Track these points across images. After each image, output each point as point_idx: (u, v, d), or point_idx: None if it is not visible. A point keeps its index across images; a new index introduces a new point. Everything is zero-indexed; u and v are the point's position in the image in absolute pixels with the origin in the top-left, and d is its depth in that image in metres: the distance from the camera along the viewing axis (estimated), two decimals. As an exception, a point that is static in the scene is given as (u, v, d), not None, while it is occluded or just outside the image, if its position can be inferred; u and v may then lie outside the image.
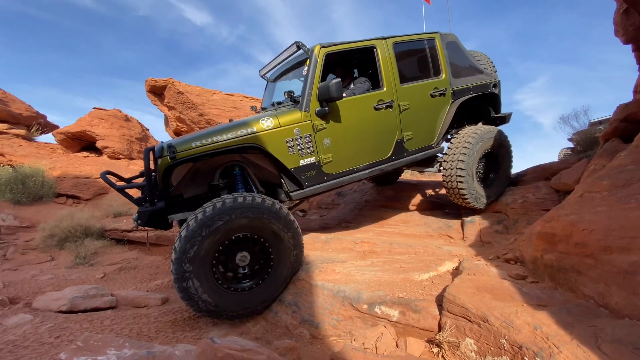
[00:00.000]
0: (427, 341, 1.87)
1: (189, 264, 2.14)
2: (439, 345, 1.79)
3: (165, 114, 9.78)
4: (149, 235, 5.39)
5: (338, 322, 2.20)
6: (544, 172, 4.15)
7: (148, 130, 12.88)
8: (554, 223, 2.20)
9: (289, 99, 2.99)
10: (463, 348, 1.69)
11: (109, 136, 10.71)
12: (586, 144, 5.17)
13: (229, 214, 2.22)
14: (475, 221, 3.68)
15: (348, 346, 1.66)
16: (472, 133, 3.43)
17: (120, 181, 2.93)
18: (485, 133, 3.46)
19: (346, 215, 4.81)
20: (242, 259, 2.36)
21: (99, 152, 11.03)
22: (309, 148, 2.84)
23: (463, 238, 3.58)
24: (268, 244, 2.39)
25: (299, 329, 2.31)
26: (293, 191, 2.90)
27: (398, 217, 4.28)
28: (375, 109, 3.10)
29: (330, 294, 2.34)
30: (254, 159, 2.88)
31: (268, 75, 3.86)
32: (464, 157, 3.32)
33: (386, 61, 3.17)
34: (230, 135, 2.60)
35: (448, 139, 3.87)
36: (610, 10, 3.82)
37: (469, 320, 1.73)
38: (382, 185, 5.20)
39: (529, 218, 3.35)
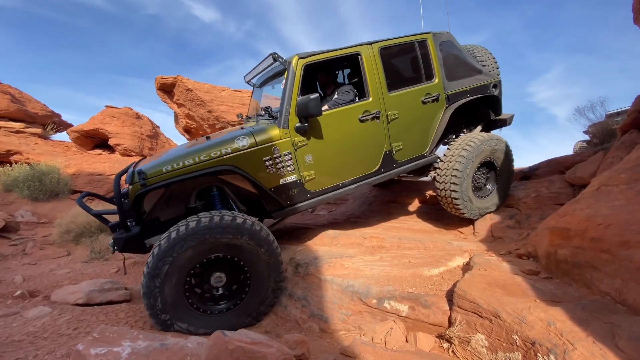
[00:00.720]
0: (437, 336, 1.86)
1: (159, 281, 2.03)
2: (449, 340, 1.78)
3: (174, 111, 9.89)
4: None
5: (347, 317, 2.20)
6: (558, 166, 4.05)
7: (158, 127, 13.06)
8: (569, 217, 2.15)
9: (265, 114, 2.83)
10: (474, 344, 1.67)
11: (120, 134, 10.91)
12: (603, 137, 5.01)
13: (204, 233, 2.11)
14: (487, 216, 3.62)
15: (357, 340, 1.66)
16: (469, 142, 3.19)
17: (103, 200, 2.90)
18: (483, 142, 3.21)
19: (354, 211, 4.80)
20: (218, 280, 2.26)
21: (111, 150, 11.26)
22: (289, 166, 2.69)
23: (474, 233, 3.53)
24: (245, 266, 2.28)
25: (308, 322, 2.32)
26: (274, 211, 2.78)
27: (407, 212, 4.25)
28: (361, 120, 2.90)
29: (339, 288, 2.35)
30: (230, 180, 2.70)
31: (254, 81, 3.66)
32: (459, 168, 3.12)
33: (372, 68, 2.94)
34: (202, 157, 2.43)
35: (445, 142, 3.66)
36: (630, -3, 3.67)
37: (480, 316, 1.71)
38: (382, 187, 5.05)
39: (542, 213, 3.28)
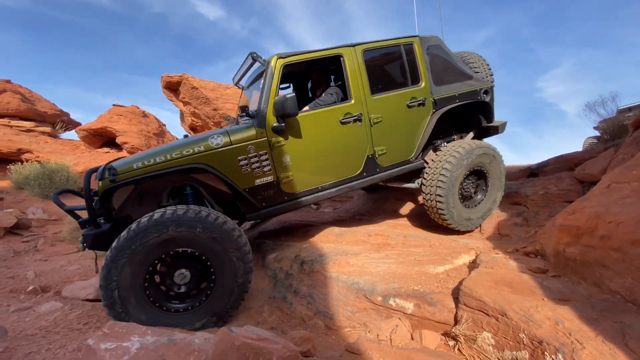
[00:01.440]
0: (443, 334, 1.86)
1: (117, 274, 1.99)
2: (455, 338, 1.77)
3: (180, 109, 9.97)
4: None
5: (352, 314, 2.21)
6: (567, 163, 3.99)
7: (164, 125, 13.19)
8: (578, 215, 2.12)
9: (244, 114, 2.77)
10: (480, 342, 1.66)
11: (128, 132, 11.04)
12: (613, 133, 4.91)
13: (166, 226, 2.06)
14: (493, 213, 3.59)
15: (363, 337, 1.66)
16: (456, 150, 3.11)
17: (77, 196, 2.88)
18: (471, 150, 3.12)
19: (360, 208, 4.79)
20: (181, 276, 2.18)
21: (119, 148, 11.40)
22: (265, 166, 2.63)
23: (480, 231, 3.50)
24: (210, 263, 2.21)
25: (313, 319, 2.34)
26: (249, 212, 2.70)
27: (412, 210, 4.23)
28: (342, 122, 2.84)
29: (345, 285, 2.35)
30: (204, 179, 2.65)
31: (242, 83, 3.58)
32: (445, 177, 3.03)
33: (354, 71, 2.89)
34: (174, 155, 2.39)
35: (435, 149, 3.56)
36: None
37: (487, 314, 1.70)
38: (372, 192, 4.92)
39: (550, 210, 3.24)
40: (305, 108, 2.97)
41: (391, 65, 3.18)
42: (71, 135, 13.54)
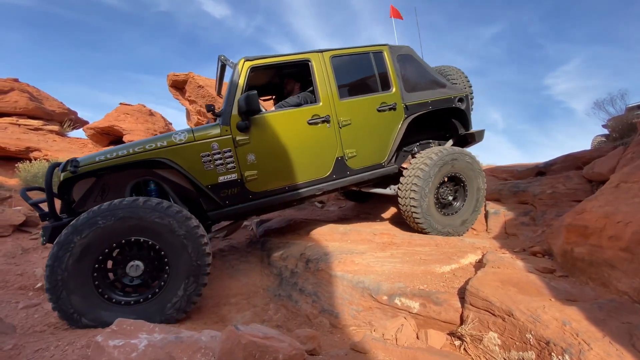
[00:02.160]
0: (449, 334, 1.85)
1: (63, 272, 1.93)
2: (461, 338, 1.77)
3: (186, 107, 10.02)
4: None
5: (358, 313, 2.21)
6: (576, 161, 3.94)
7: (171, 124, 13.28)
8: (587, 215, 2.10)
9: (211, 113, 2.79)
10: (486, 342, 1.66)
11: (134, 130, 11.14)
12: (622, 131, 4.84)
13: (113, 214, 2.03)
14: (500, 212, 3.57)
15: (368, 336, 1.66)
16: (429, 156, 3.14)
17: (41, 192, 2.78)
18: (443, 156, 3.14)
19: (365, 207, 4.79)
20: (134, 268, 2.14)
21: (125, 146, 11.50)
22: (229, 164, 2.63)
23: (487, 230, 3.48)
24: (164, 254, 2.16)
25: (318, 317, 2.34)
26: (211, 210, 2.68)
27: (418, 209, 4.21)
28: (310, 123, 2.88)
29: (350, 284, 2.35)
30: (166, 175, 2.66)
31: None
32: (417, 183, 3.05)
33: (322, 75, 2.97)
34: (137, 149, 2.43)
35: (414, 155, 3.58)
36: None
37: (493, 314, 1.69)
38: (361, 202, 4.87)
39: (558, 210, 3.21)
40: (272, 109, 3.05)
41: (361, 72, 3.23)
42: (79, 133, 13.70)
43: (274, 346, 1.13)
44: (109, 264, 2.16)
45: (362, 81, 3.21)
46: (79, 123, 12.81)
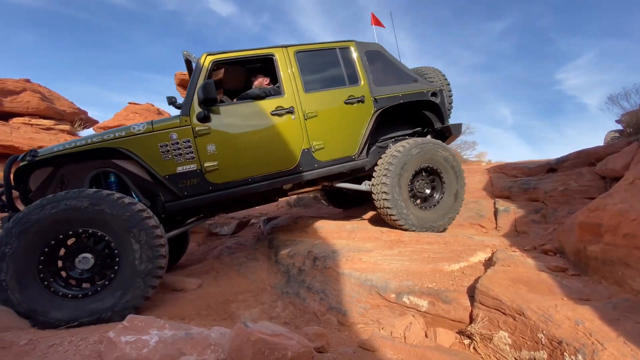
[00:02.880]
0: (458, 332, 1.84)
1: (5, 270, 1.87)
2: (470, 337, 1.75)
3: (194, 106, 10.09)
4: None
5: (365, 311, 2.21)
6: (588, 158, 3.85)
7: (178, 122, 13.38)
8: (600, 212, 2.05)
9: (172, 105, 2.88)
10: (496, 341, 1.64)
11: (143, 129, 11.25)
12: (637, 126, 4.71)
13: (56, 205, 1.99)
14: (510, 210, 3.52)
15: (376, 334, 1.66)
16: (397, 148, 3.11)
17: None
18: (412, 148, 3.10)
19: (371, 205, 4.77)
20: (83, 261, 2.10)
21: (134, 145, 11.65)
22: (187, 154, 2.63)
23: (496, 228, 3.44)
24: (114, 245, 2.12)
25: (326, 315, 2.35)
26: (169, 202, 2.65)
27: (426, 206, 4.18)
28: (273, 114, 2.89)
29: (358, 282, 2.35)
30: (125, 166, 2.66)
31: None
32: (388, 174, 3.00)
33: (286, 70, 3.00)
34: (95, 140, 2.46)
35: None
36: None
37: (503, 313, 1.66)
38: (346, 208, 4.76)
39: (570, 207, 3.15)
40: (234, 101, 3.06)
41: (327, 66, 3.24)
42: (89, 132, 13.93)
43: (283, 343, 1.14)
44: (59, 257, 2.10)
45: (329, 75, 3.23)
46: (89, 122, 13.01)
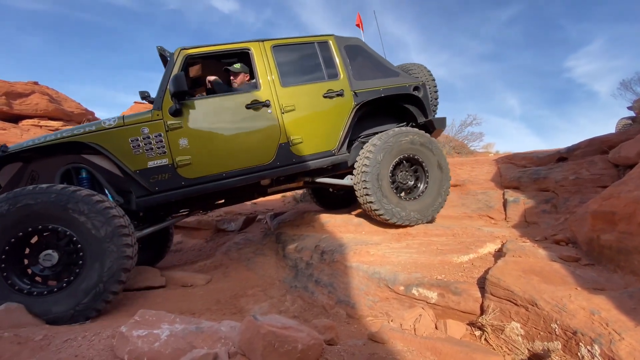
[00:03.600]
0: (469, 324, 1.82)
1: None
2: (481, 328, 1.73)
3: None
4: (191, 220, 5.71)
5: (374, 303, 2.20)
6: (601, 145, 3.76)
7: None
8: (614, 200, 2.00)
9: (145, 100, 2.85)
10: (508, 332, 1.62)
11: (149, 128, 11.34)
12: (651, 112, 4.58)
13: (16, 201, 1.98)
14: (520, 200, 3.46)
15: (386, 326, 1.65)
16: (375, 140, 3.05)
17: None
18: (389, 138, 3.02)
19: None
20: (47, 258, 2.08)
21: (141, 144, 11.76)
22: (159, 149, 2.60)
23: (505, 219, 3.39)
24: (77, 240, 2.09)
25: (335, 308, 2.35)
26: (140, 197, 2.61)
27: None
28: (248, 107, 2.83)
29: (366, 275, 2.34)
30: (96, 161, 2.64)
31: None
32: (367, 166, 2.93)
33: (262, 64, 2.95)
34: (65, 134, 2.45)
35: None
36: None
37: (515, 304, 1.64)
38: (332, 209, 4.57)
39: (582, 196, 3.08)
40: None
41: (305, 60, 3.18)
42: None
43: (293, 336, 1.13)
44: (24, 254, 2.10)
45: (307, 69, 3.16)
46: (96, 123, 13.15)
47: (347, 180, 3.24)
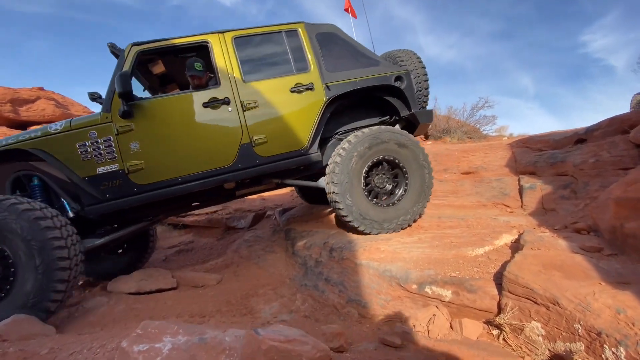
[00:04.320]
0: (485, 322, 1.74)
1: None
2: (499, 327, 1.65)
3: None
4: (201, 219, 5.74)
5: (386, 302, 2.14)
6: (621, 125, 3.55)
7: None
8: (639, 185, 1.86)
9: (95, 101, 2.70)
10: (528, 332, 1.53)
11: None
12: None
13: None
14: (537, 187, 3.31)
15: (398, 329, 1.59)
16: (346, 142, 2.80)
17: None
18: (364, 137, 2.77)
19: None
20: None
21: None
22: (108, 154, 2.46)
23: (522, 206, 3.25)
24: (9, 257, 2.02)
25: (346, 308, 2.30)
26: (89, 205, 2.48)
27: (446, 188, 4.02)
28: (205, 106, 2.63)
29: (376, 273, 2.28)
30: (44, 168, 2.55)
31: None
32: (337, 169, 2.70)
33: (222, 57, 2.73)
34: (10, 141, 2.38)
35: None
36: None
37: (535, 302, 1.55)
38: (315, 204, 4.40)
39: (602, 180, 2.92)
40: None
41: (271, 52, 2.93)
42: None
43: (296, 350, 1.08)
44: None
45: (273, 62, 2.91)
46: (105, 125, 13.32)
47: (321, 183, 2.99)
